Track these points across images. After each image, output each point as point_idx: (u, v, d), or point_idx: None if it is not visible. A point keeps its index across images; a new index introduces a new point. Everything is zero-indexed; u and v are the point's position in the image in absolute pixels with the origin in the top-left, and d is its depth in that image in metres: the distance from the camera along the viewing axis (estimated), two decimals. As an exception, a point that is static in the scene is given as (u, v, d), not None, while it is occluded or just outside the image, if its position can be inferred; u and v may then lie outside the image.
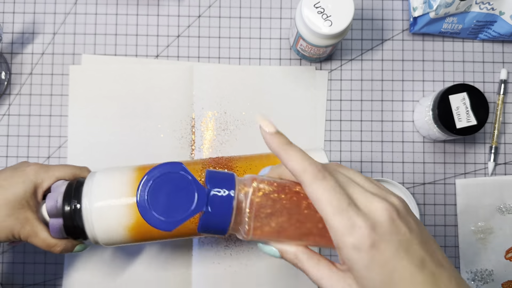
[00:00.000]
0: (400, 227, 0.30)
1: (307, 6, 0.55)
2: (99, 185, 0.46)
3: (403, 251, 0.30)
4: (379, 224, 0.30)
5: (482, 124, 0.57)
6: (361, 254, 0.29)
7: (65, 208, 0.46)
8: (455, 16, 0.62)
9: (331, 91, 0.65)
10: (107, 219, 0.46)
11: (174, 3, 0.66)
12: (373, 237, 0.29)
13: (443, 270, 0.31)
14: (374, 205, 0.31)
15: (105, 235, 0.46)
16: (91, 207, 0.46)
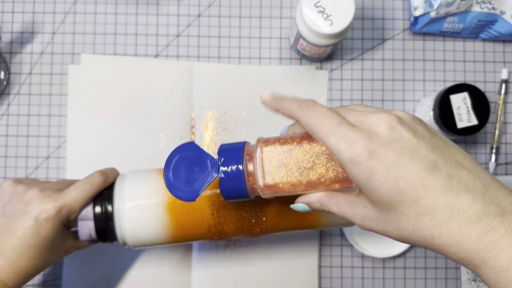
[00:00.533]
0: (402, 133, 0.29)
1: (308, 6, 0.55)
2: (130, 187, 0.47)
3: (408, 156, 0.29)
4: (376, 134, 0.29)
5: (483, 124, 0.57)
6: (360, 167, 0.29)
7: (95, 210, 0.47)
8: (456, 15, 0.62)
9: (332, 91, 0.65)
10: (138, 220, 0.46)
11: (174, 2, 0.66)
12: (369, 146, 0.29)
13: (465, 172, 0.29)
14: (370, 118, 0.30)
15: (134, 236, 0.47)
16: (123, 208, 0.46)
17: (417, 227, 0.29)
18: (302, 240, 0.63)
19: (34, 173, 0.63)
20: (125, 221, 0.46)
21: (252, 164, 0.35)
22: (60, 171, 0.63)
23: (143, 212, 0.46)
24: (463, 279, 0.63)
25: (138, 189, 0.47)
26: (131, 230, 0.46)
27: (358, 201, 0.32)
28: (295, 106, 0.33)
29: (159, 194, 0.47)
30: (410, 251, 0.63)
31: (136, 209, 0.46)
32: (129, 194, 0.47)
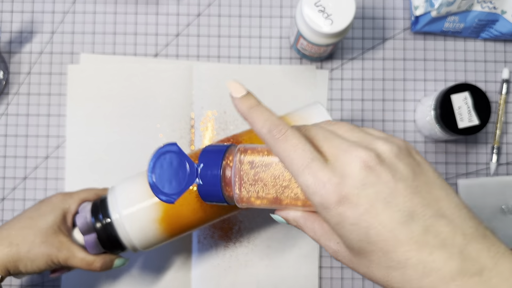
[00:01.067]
0: (380, 175, 0.26)
1: (308, 5, 0.54)
2: (122, 193, 0.48)
3: (382, 203, 0.26)
4: (350, 175, 0.26)
5: (484, 124, 0.57)
6: (330, 212, 0.26)
7: (96, 222, 0.48)
8: (457, 15, 0.62)
9: (332, 90, 0.65)
10: (138, 221, 0.47)
11: (173, 2, 0.65)
12: (339, 191, 0.26)
13: (444, 222, 0.26)
14: (346, 155, 0.27)
15: (140, 237, 0.47)
16: (120, 215, 0.47)
17: (387, 278, 0.27)
18: (302, 240, 0.62)
19: (33, 173, 0.63)
20: (125, 226, 0.47)
21: (230, 175, 0.33)
22: (59, 171, 0.63)
23: (141, 215, 0.47)
24: (464, 280, 0.63)
25: (130, 194, 0.48)
26: (135, 235, 0.47)
27: (332, 234, 0.29)
28: (265, 130, 0.29)
29: (148, 192, 0.47)
30: (411, 252, 0.63)
31: (134, 214, 0.47)
32: (123, 202, 0.47)
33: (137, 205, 0.47)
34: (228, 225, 0.62)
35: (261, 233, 0.62)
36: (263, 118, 0.30)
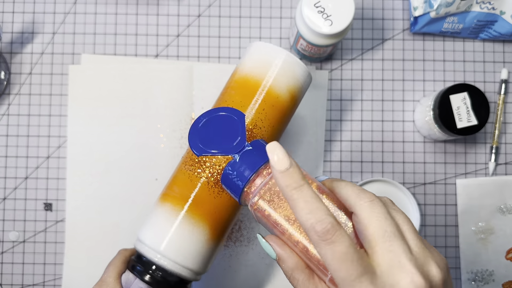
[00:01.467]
0: None
1: (308, 6, 0.55)
2: (148, 236, 0.46)
3: None
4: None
5: (482, 124, 0.57)
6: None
7: (143, 276, 0.44)
8: (456, 15, 0.62)
9: (331, 91, 0.65)
10: (177, 244, 0.44)
11: (174, 3, 0.66)
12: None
13: None
14: (401, 275, 0.25)
15: (189, 257, 0.45)
16: (159, 253, 0.44)
17: None
18: (302, 240, 0.63)
19: (34, 173, 0.63)
20: (173, 258, 0.44)
21: (258, 181, 0.32)
22: (61, 171, 0.63)
23: (177, 238, 0.44)
24: (463, 279, 0.63)
25: (156, 230, 0.45)
26: (183, 259, 0.44)
27: None
28: (308, 224, 0.26)
29: (173, 215, 0.45)
30: (410, 251, 0.64)
31: (170, 242, 0.44)
32: (154, 240, 0.45)
33: (168, 233, 0.44)
34: (228, 224, 0.63)
35: (261, 232, 0.63)
36: (307, 209, 0.27)
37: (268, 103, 0.48)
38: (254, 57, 0.50)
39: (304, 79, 0.50)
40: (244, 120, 0.36)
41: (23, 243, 0.63)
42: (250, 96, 0.48)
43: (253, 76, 0.49)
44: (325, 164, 0.64)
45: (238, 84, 0.49)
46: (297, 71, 0.49)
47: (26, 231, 0.63)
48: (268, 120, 0.48)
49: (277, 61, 0.48)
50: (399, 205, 0.62)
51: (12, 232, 0.63)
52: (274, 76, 0.48)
